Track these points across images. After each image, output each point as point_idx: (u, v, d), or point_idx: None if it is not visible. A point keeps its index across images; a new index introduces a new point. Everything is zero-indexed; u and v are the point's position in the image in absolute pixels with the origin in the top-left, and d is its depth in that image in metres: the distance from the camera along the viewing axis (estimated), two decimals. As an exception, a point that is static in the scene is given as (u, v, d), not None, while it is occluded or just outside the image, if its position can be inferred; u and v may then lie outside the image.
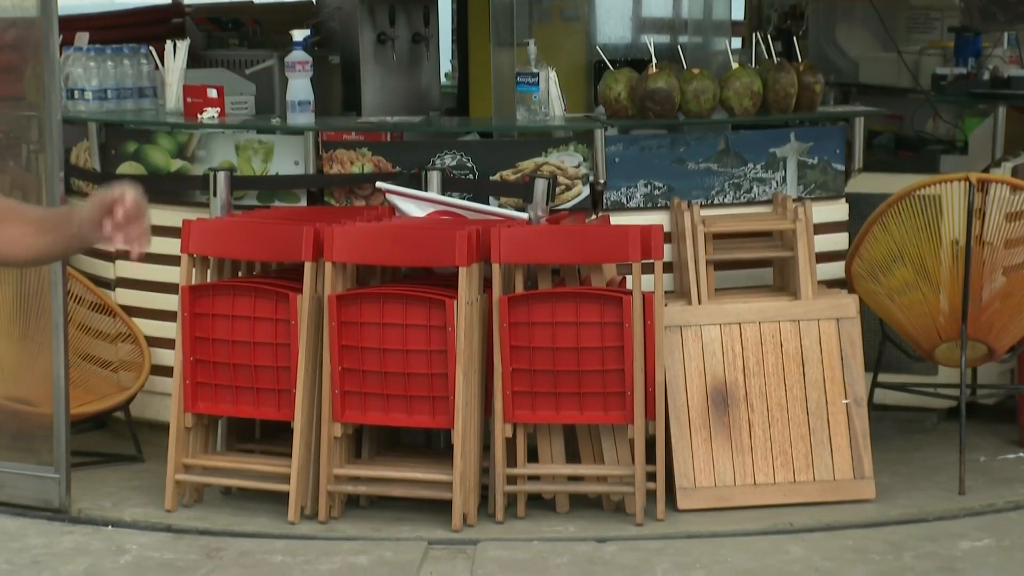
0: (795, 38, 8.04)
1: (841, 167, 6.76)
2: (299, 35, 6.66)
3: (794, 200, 6.47)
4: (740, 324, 6.12)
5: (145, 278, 6.76)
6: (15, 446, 6.11)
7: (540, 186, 6.30)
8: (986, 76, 7.89)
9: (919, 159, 7.60)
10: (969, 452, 6.35)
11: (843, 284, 6.56)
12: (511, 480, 5.96)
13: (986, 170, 7.17)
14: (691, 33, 8.49)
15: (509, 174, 6.49)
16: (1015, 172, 7.05)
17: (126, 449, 6.68)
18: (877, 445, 6.26)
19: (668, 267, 6.40)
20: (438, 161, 6.50)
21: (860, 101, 7.94)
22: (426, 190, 6.37)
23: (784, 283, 6.40)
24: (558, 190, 6.44)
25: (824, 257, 6.53)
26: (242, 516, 6.00)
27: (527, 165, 6.48)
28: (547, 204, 6.30)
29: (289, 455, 5.93)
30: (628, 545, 5.71)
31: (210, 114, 6.74)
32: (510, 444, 5.94)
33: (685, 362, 6.08)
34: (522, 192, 6.40)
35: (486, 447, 5.98)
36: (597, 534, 5.80)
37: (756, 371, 6.10)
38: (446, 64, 9.68)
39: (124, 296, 6.85)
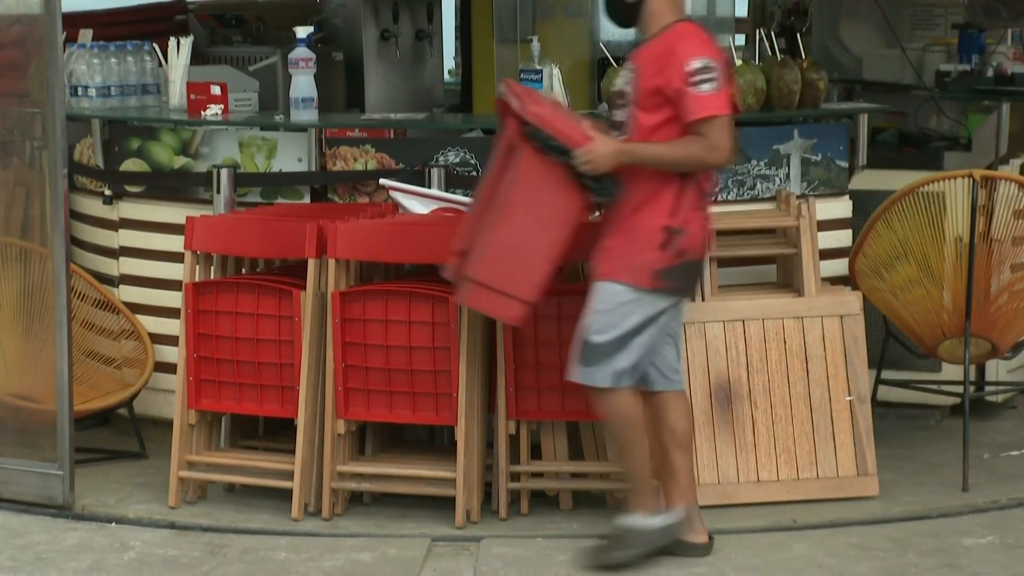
0: (799, 35, 8.05)
1: (845, 164, 6.76)
2: (302, 32, 6.66)
3: (798, 197, 6.46)
4: (743, 321, 6.12)
5: (149, 275, 6.76)
6: (19, 443, 6.12)
7: (544, 183, 6.28)
8: (990, 73, 7.89)
9: (923, 156, 7.60)
10: (973, 449, 6.35)
11: (847, 281, 6.56)
12: (514, 477, 5.96)
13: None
14: (695, 30, 8.47)
15: (513, 171, 6.48)
16: (1024, 170, 7.07)
17: (130, 446, 6.68)
18: (880, 442, 6.26)
19: (671, 264, 6.39)
20: (441, 158, 6.49)
21: (864, 98, 7.94)
22: (429, 187, 6.37)
23: (787, 280, 6.40)
24: (562, 187, 6.43)
25: (828, 254, 6.52)
26: (246, 513, 6.01)
27: (531, 162, 6.47)
28: (551, 201, 6.29)
29: (292, 452, 5.93)
30: (631, 542, 5.70)
31: (213, 111, 6.74)
32: (513, 441, 5.94)
33: (689, 359, 6.08)
34: (526, 189, 6.39)
35: (489, 444, 5.98)
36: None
37: (759, 368, 6.10)
38: (449, 61, 9.69)
39: (128, 293, 6.85)
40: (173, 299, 6.38)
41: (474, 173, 6.48)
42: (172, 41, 7.09)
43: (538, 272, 5.37)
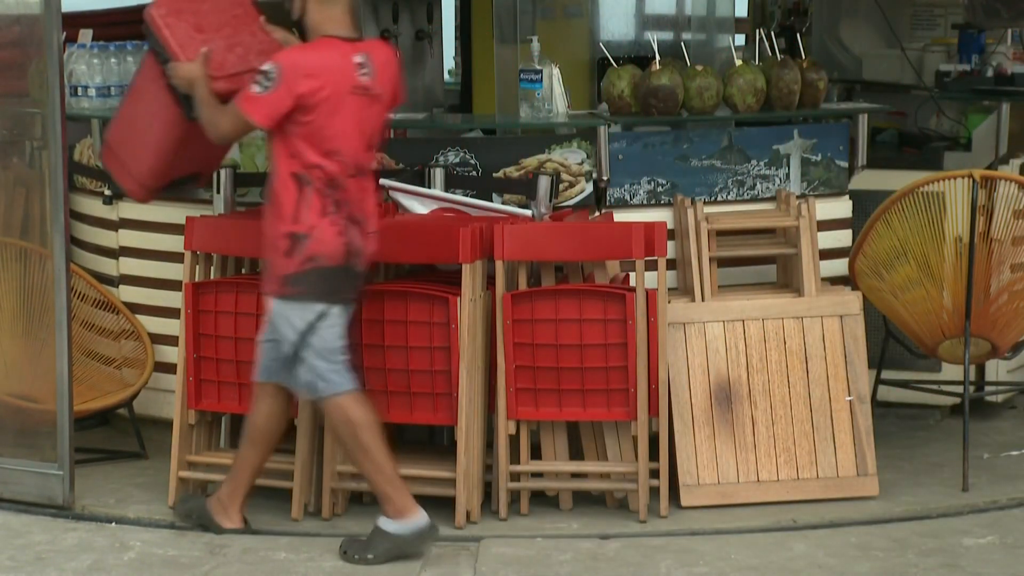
0: (799, 35, 8.03)
1: (845, 164, 6.76)
2: (302, 32, 6.65)
3: (797, 197, 6.46)
4: (743, 321, 6.12)
5: (148, 275, 6.76)
6: (19, 443, 6.12)
7: (543, 183, 6.29)
8: (990, 73, 7.89)
9: (923, 156, 7.60)
10: (973, 449, 6.35)
11: (847, 281, 6.56)
12: (514, 477, 5.96)
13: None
14: (694, 30, 8.48)
15: (513, 171, 6.49)
16: (1024, 170, 7.07)
17: (130, 446, 6.68)
18: (880, 442, 6.26)
19: (671, 264, 6.40)
20: (441, 158, 6.49)
21: (864, 98, 7.94)
22: (430, 187, 6.37)
23: (787, 280, 6.40)
24: (561, 187, 6.44)
25: (827, 254, 6.52)
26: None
27: (530, 162, 6.48)
28: (550, 201, 6.30)
29: (292, 452, 5.93)
30: (631, 542, 5.71)
31: (213, 111, 6.73)
32: (513, 441, 5.94)
33: (688, 359, 6.08)
34: (525, 189, 6.40)
35: (489, 444, 5.98)
36: (600, 531, 5.80)
37: (759, 368, 6.10)
38: (449, 61, 9.67)
39: (128, 293, 6.85)
40: (173, 299, 6.38)
41: (474, 173, 6.49)
42: (172, 41, 7.08)
43: (147, 158, 5.75)
